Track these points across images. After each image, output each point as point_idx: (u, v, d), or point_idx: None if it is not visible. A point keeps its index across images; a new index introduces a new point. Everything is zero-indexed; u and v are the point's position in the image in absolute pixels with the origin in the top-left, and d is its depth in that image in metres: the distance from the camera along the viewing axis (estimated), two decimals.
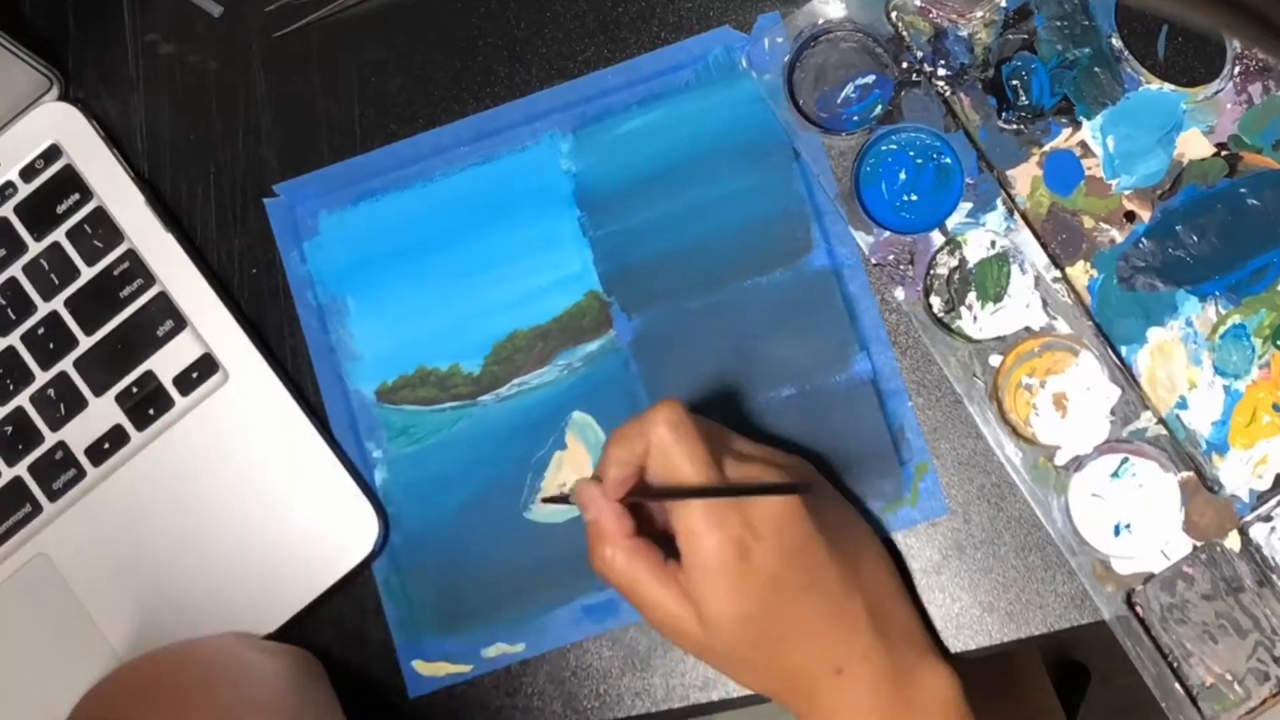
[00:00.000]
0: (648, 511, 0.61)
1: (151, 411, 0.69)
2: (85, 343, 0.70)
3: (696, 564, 0.56)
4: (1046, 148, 0.66)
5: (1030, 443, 0.64)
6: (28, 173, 0.71)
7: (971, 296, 0.65)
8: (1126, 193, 0.65)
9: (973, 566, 0.65)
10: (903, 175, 0.67)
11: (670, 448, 0.57)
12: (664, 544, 0.59)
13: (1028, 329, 0.64)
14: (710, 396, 0.67)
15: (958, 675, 0.61)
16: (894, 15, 0.67)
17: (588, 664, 0.67)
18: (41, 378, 0.70)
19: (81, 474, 0.69)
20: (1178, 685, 0.61)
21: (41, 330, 0.70)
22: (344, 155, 0.71)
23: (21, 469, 0.69)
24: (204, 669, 0.64)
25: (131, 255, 0.70)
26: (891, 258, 0.66)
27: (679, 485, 0.57)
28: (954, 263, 0.65)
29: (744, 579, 0.56)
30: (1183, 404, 0.63)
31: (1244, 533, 0.62)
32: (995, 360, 0.64)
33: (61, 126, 0.72)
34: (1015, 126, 0.66)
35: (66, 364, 0.70)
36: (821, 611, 0.58)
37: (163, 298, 0.70)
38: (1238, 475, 0.63)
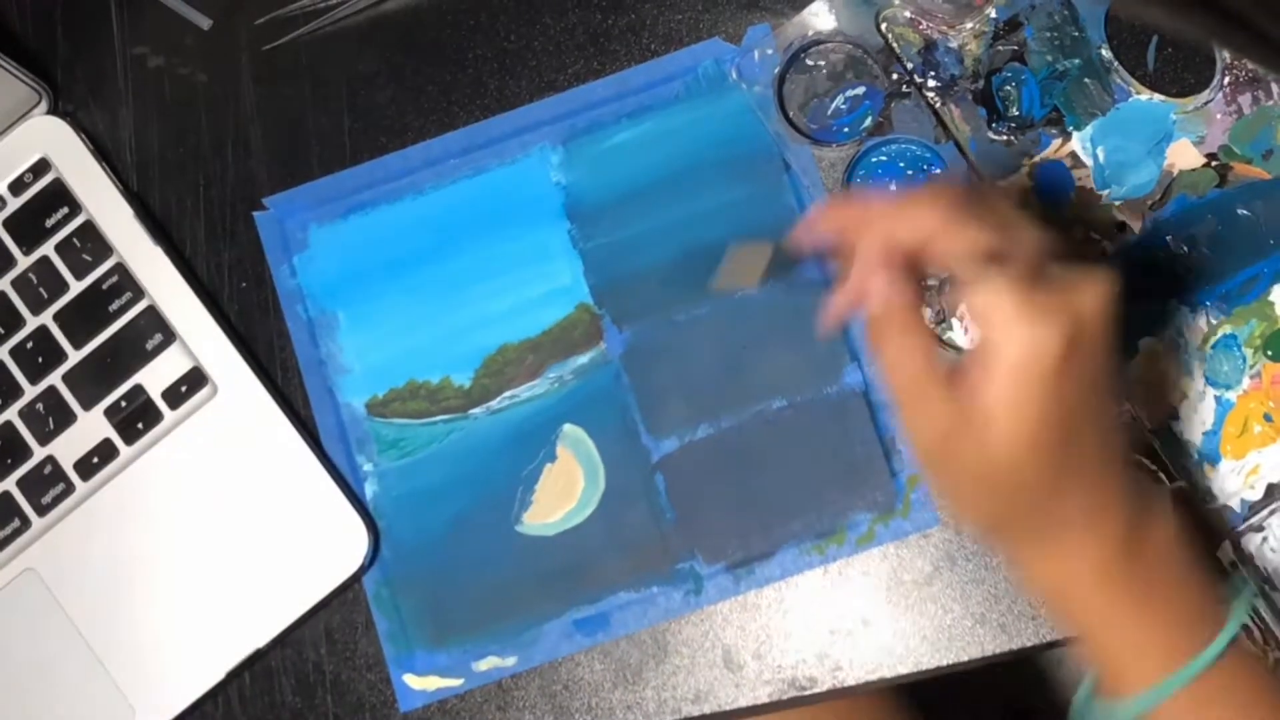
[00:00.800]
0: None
1: (140, 425, 0.69)
2: (74, 356, 0.70)
3: (1012, 357, 0.49)
4: (1037, 158, 0.66)
5: None
6: (16, 186, 0.71)
7: (962, 308, 0.65)
8: (1117, 203, 0.65)
9: (964, 578, 0.65)
10: (893, 186, 0.67)
11: (970, 229, 0.49)
12: None
13: None
14: (701, 408, 0.67)
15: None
16: (884, 27, 0.67)
17: (579, 677, 0.67)
18: (30, 392, 0.70)
19: (70, 489, 0.69)
20: None
21: (30, 344, 0.70)
22: (334, 168, 0.71)
23: (10, 484, 0.69)
24: None
25: (120, 269, 0.70)
26: None
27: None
28: (944, 274, 0.65)
29: (1065, 375, 0.49)
30: (1174, 414, 0.63)
31: (1236, 543, 0.62)
32: None
33: (50, 140, 0.72)
34: (1006, 137, 0.66)
35: (55, 378, 0.70)
36: (1103, 437, 0.52)
37: (152, 311, 0.70)
38: (1229, 486, 0.63)
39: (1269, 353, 0.63)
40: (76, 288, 0.70)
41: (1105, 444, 0.52)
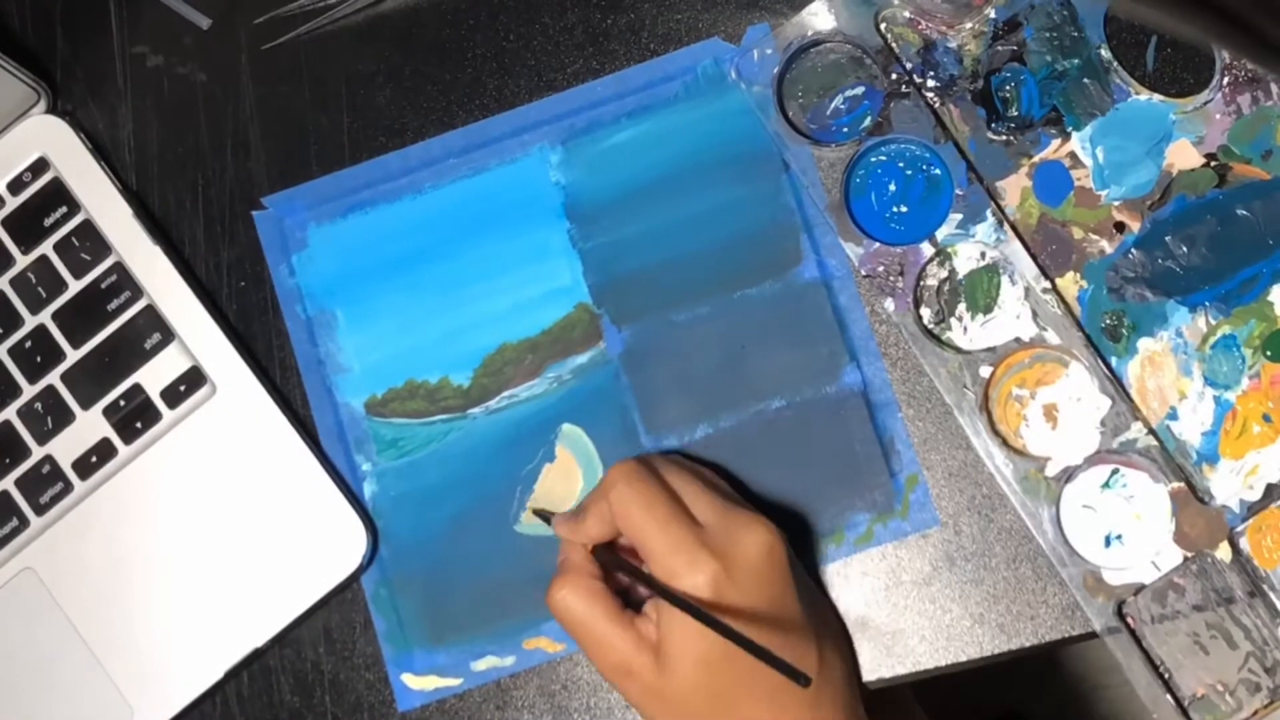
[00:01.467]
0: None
1: (139, 425, 0.69)
2: (72, 356, 0.69)
3: (664, 606, 0.56)
4: (1036, 159, 0.66)
5: (1021, 454, 0.64)
6: (15, 186, 0.71)
7: (961, 308, 0.65)
8: (1116, 203, 0.65)
9: (963, 578, 0.65)
10: (892, 187, 0.67)
11: (629, 506, 0.58)
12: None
13: (1018, 340, 0.64)
14: (700, 408, 0.67)
15: None
16: (883, 27, 0.67)
17: (578, 677, 0.67)
18: (29, 391, 0.70)
19: (69, 488, 0.69)
20: (1169, 696, 0.61)
21: (29, 343, 0.70)
22: (333, 168, 0.71)
23: (8, 483, 0.69)
24: None
25: (119, 268, 0.70)
26: (881, 269, 0.66)
27: (652, 561, 0.57)
28: (944, 274, 0.65)
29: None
30: (1173, 414, 0.63)
31: (1234, 543, 0.62)
32: (985, 371, 0.64)
33: (49, 139, 0.72)
34: (1005, 137, 0.66)
35: (54, 377, 0.69)
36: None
37: (150, 310, 0.69)
38: (1228, 486, 0.63)
39: (1268, 353, 0.63)
40: (75, 287, 0.70)
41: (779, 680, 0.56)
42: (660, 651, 0.57)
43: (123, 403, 0.69)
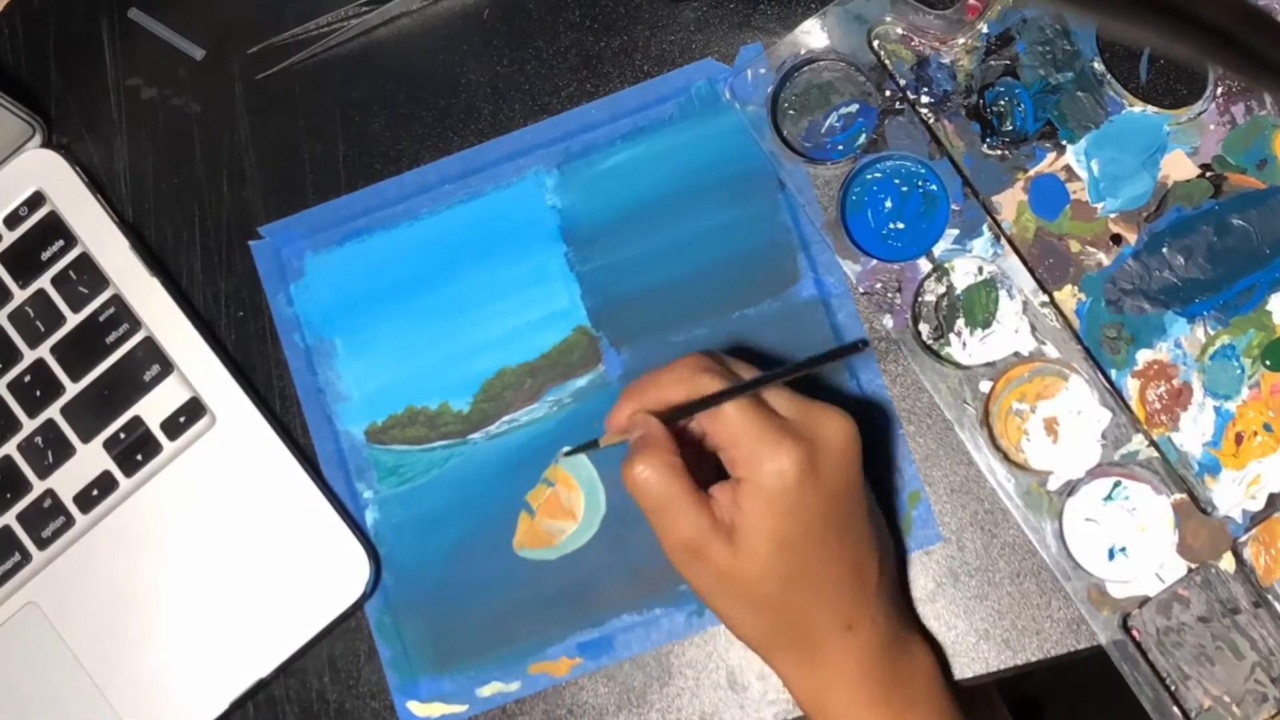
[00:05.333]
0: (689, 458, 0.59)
1: (140, 457, 0.69)
2: (72, 389, 0.69)
3: (757, 482, 0.56)
4: (1031, 172, 0.66)
5: (1022, 468, 0.64)
6: (11, 220, 0.71)
7: (960, 323, 0.65)
8: (1112, 216, 0.65)
9: (968, 594, 0.65)
10: (888, 203, 0.67)
11: (709, 384, 0.57)
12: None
13: (1017, 354, 0.64)
14: None
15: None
16: (876, 44, 0.67)
17: (583, 701, 0.67)
18: (29, 425, 0.70)
19: (70, 522, 0.69)
20: (1176, 709, 0.61)
21: (28, 378, 0.70)
22: (329, 196, 0.71)
23: (10, 518, 0.69)
24: None
25: (117, 300, 0.70)
26: (879, 286, 0.66)
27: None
28: (942, 289, 0.65)
29: (798, 503, 0.56)
30: (1174, 425, 0.63)
31: (1238, 554, 0.62)
32: (985, 386, 0.64)
33: (45, 173, 0.72)
34: (1000, 152, 0.66)
35: (54, 411, 0.69)
36: (849, 561, 0.58)
37: (149, 342, 0.69)
38: (1230, 496, 0.62)
39: (1267, 362, 0.63)
40: (73, 320, 0.70)
41: (855, 566, 0.58)
42: (736, 532, 0.56)
43: (123, 435, 0.69)
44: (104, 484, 0.69)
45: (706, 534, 0.56)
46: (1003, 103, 0.66)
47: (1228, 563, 0.62)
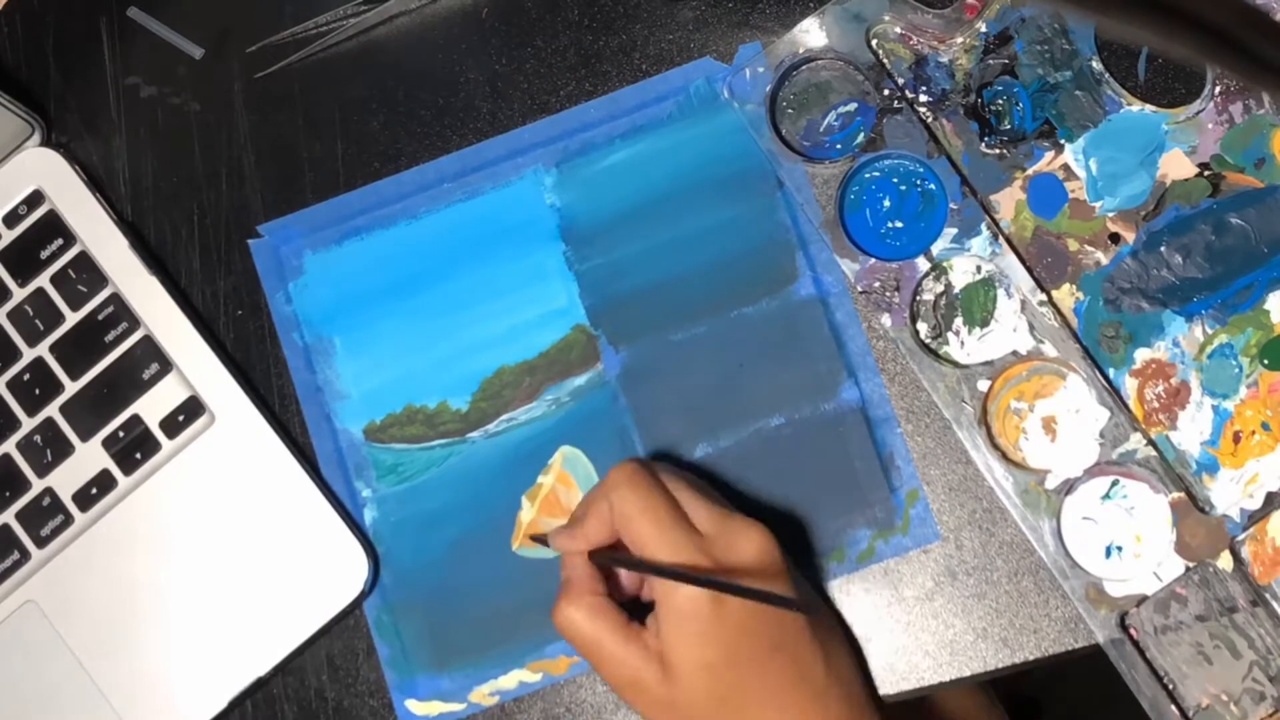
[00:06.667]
0: (617, 576, 0.62)
1: (139, 455, 0.69)
2: (71, 388, 0.70)
3: (671, 610, 0.56)
4: (1029, 171, 0.66)
5: (1020, 467, 0.64)
6: (11, 219, 0.71)
7: (958, 322, 0.65)
8: (1110, 215, 0.65)
9: (966, 592, 0.65)
10: (887, 202, 0.67)
11: (630, 509, 0.58)
12: (630, 611, 0.59)
13: (1015, 353, 0.64)
14: (698, 427, 0.67)
15: None
16: (875, 43, 0.67)
17: (581, 700, 0.67)
18: (28, 424, 0.70)
19: (69, 520, 0.69)
20: (1174, 708, 0.61)
21: (27, 376, 0.70)
22: (327, 194, 0.71)
23: (9, 516, 0.69)
24: None
25: (116, 299, 0.70)
26: (877, 285, 0.66)
27: (648, 558, 0.57)
28: (940, 288, 0.65)
29: (716, 626, 0.56)
30: (1172, 424, 0.63)
31: (1236, 552, 0.62)
32: (983, 385, 0.64)
33: (44, 172, 0.72)
34: (998, 151, 0.66)
35: (53, 409, 0.70)
36: (788, 669, 0.58)
37: (148, 341, 0.70)
38: (1228, 495, 0.62)
39: (1265, 361, 0.63)
40: (72, 319, 0.70)
41: (794, 672, 0.58)
42: (664, 661, 0.57)
43: (122, 434, 0.69)
44: (103, 482, 0.69)
45: (639, 668, 0.57)
46: (1001, 101, 0.66)
47: (1225, 561, 0.62)
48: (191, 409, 0.69)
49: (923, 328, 0.65)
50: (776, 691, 0.57)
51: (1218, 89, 0.65)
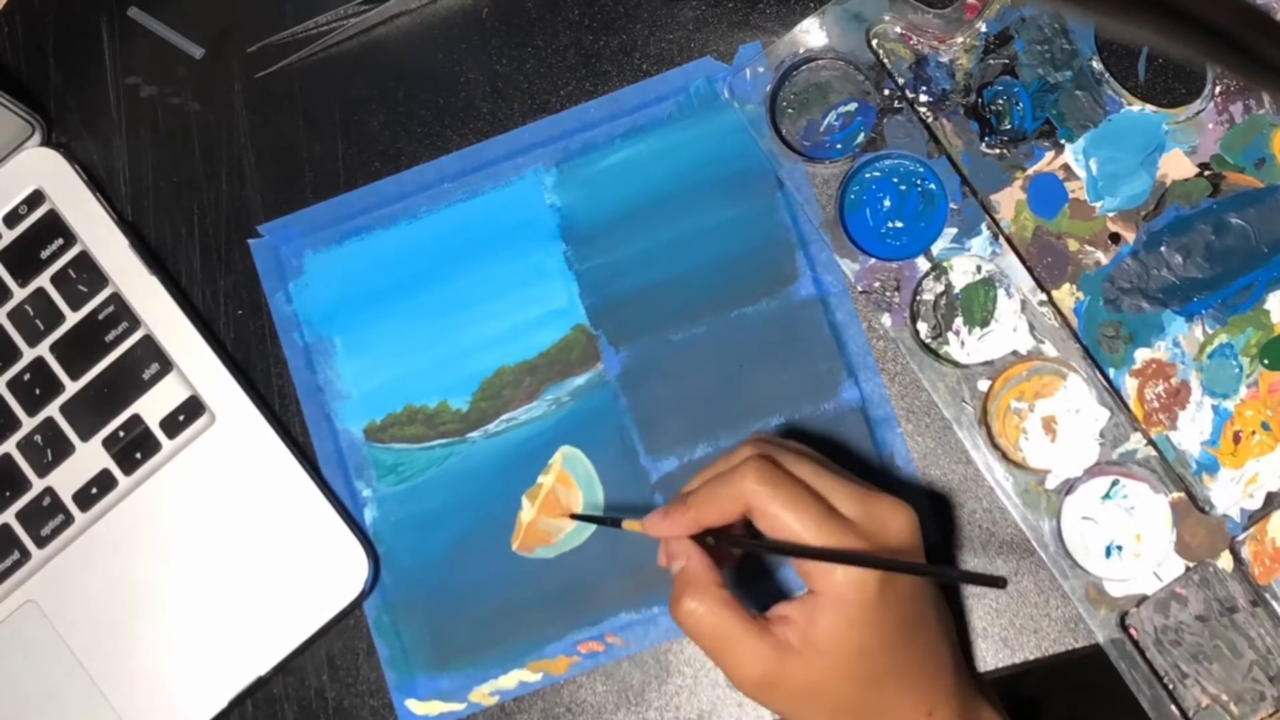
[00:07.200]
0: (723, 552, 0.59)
1: (139, 455, 0.69)
2: (71, 387, 0.70)
3: (831, 596, 0.54)
4: (1030, 171, 0.66)
5: (1020, 467, 0.64)
6: (11, 219, 0.71)
7: (958, 322, 0.65)
8: (1110, 215, 0.65)
9: (965, 592, 0.65)
10: (887, 202, 0.67)
11: (773, 507, 0.55)
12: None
13: (1015, 353, 0.64)
14: (698, 427, 0.67)
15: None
16: (875, 43, 0.67)
17: (581, 699, 0.67)
18: (28, 424, 0.70)
19: (69, 520, 0.69)
20: (1174, 708, 0.61)
21: (27, 376, 0.70)
22: (328, 194, 0.71)
23: (9, 516, 0.69)
24: None
25: (116, 299, 0.70)
26: (878, 285, 0.66)
27: (794, 542, 0.55)
28: (940, 288, 0.65)
29: (878, 609, 0.54)
30: (1172, 424, 0.63)
31: (1236, 552, 0.62)
32: (983, 385, 0.64)
33: (44, 172, 0.72)
34: (998, 151, 0.66)
35: (53, 409, 0.70)
36: (925, 651, 0.57)
37: (148, 341, 0.70)
38: (1228, 495, 0.62)
39: (1265, 361, 0.63)
40: (73, 319, 0.70)
41: (930, 655, 0.58)
42: (814, 649, 0.54)
43: (122, 433, 0.69)
44: (103, 482, 0.69)
45: (772, 660, 0.55)
46: (1001, 101, 0.66)
47: (1225, 561, 0.62)
48: (192, 409, 0.69)
49: (923, 328, 0.66)
50: (917, 671, 0.57)
51: (1218, 89, 0.65)
